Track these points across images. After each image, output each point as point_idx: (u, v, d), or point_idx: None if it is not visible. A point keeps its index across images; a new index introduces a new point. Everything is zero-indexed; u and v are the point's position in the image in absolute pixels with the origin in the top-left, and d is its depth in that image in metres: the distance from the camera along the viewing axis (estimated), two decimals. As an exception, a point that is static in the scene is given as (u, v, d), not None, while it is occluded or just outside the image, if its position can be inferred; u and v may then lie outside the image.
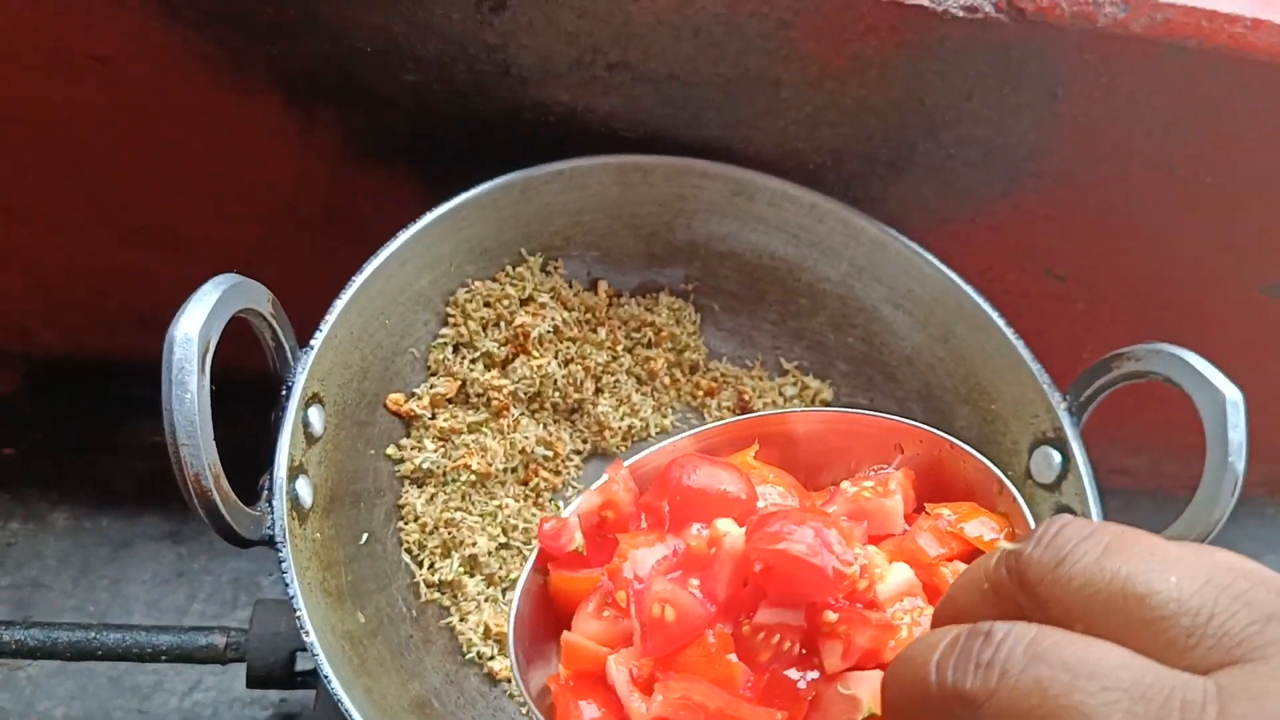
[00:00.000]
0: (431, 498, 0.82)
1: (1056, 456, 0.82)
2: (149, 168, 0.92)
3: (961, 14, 0.76)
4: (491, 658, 0.79)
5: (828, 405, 0.96)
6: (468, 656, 0.79)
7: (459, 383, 0.85)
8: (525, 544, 0.83)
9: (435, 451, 0.83)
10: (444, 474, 0.82)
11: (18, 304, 1.09)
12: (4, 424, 1.13)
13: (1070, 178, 0.93)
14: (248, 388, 0.74)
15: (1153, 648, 0.30)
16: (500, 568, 0.82)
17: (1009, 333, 0.85)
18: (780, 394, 0.95)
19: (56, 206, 0.96)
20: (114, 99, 0.85)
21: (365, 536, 0.78)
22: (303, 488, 0.70)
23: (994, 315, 0.85)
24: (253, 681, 0.89)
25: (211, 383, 0.60)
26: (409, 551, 0.81)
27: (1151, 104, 0.86)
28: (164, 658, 0.90)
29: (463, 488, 0.83)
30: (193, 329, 0.59)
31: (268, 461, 0.69)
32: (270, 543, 0.66)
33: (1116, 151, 0.91)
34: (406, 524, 0.81)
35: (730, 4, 0.76)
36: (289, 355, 0.71)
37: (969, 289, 0.86)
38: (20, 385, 1.15)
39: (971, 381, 0.88)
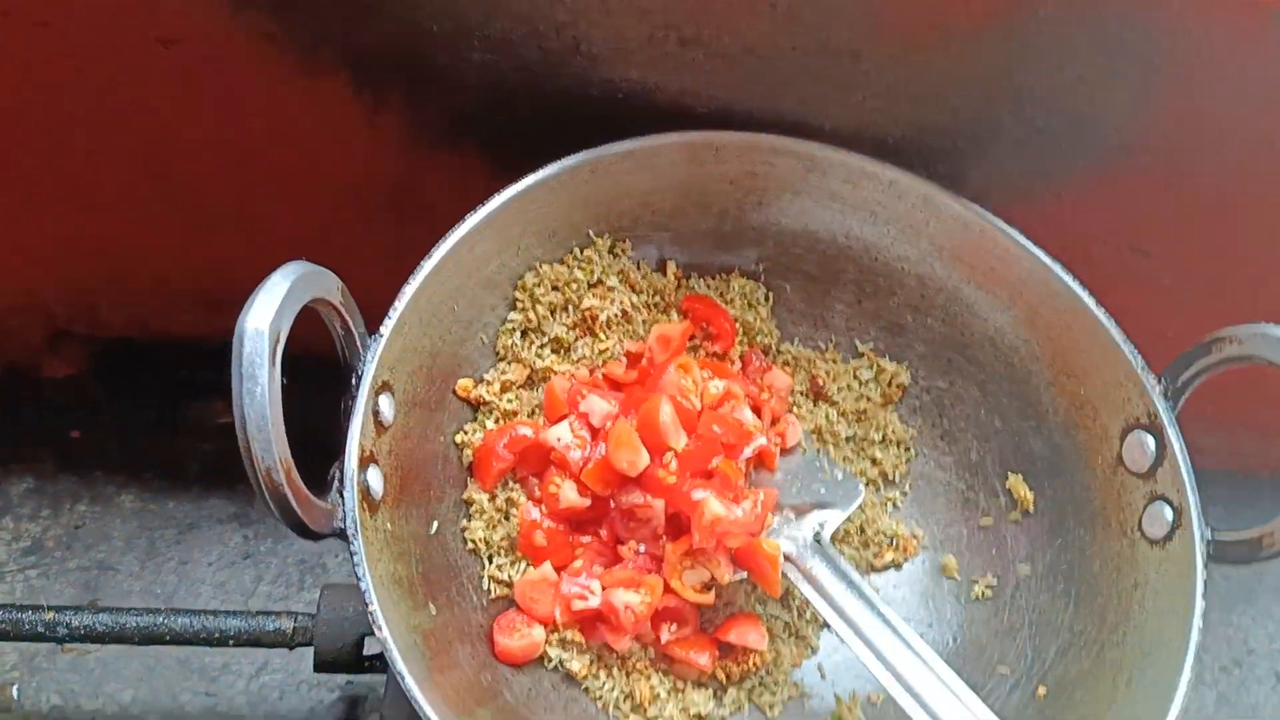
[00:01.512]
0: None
1: (1151, 442, 0.79)
2: (217, 152, 0.91)
3: (1057, -18, 0.73)
4: (568, 659, 0.78)
5: (904, 389, 0.93)
6: (538, 656, 0.78)
7: (528, 370, 0.83)
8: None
9: None
10: None
11: (84, 286, 1.09)
12: (71, 406, 1.13)
13: (1162, 152, 0.89)
14: (314, 369, 0.73)
15: None
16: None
17: (1100, 314, 0.81)
18: (855, 377, 0.92)
19: (124, 191, 0.96)
20: (181, 83, 0.84)
21: (435, 525, 0.77)
22: (374, 477, 0.69)
23: (1084, 295, 0.82)
24: (320, 666, 0.89)
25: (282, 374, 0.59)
26: (473, 550, 0.79)
27: (1252, 75, 0.82)
28: (232, 642, 0.90)
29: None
30: (263, 322, 0.57)
31: (336, 448, 0.68)
32: (342, 535, 0.65)
33: (1213, 124, 0.86)
34: (471, 520, 0.80)
35: (810, -26, 0.73)
36: (358, 343, 0.70)
37: (1058, 268, 0.83)
38: (87, 367, 1.15)
39: (1059, 364, 0.85)
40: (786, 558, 0.78)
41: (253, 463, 0.57)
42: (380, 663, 0.89)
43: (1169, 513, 0.77)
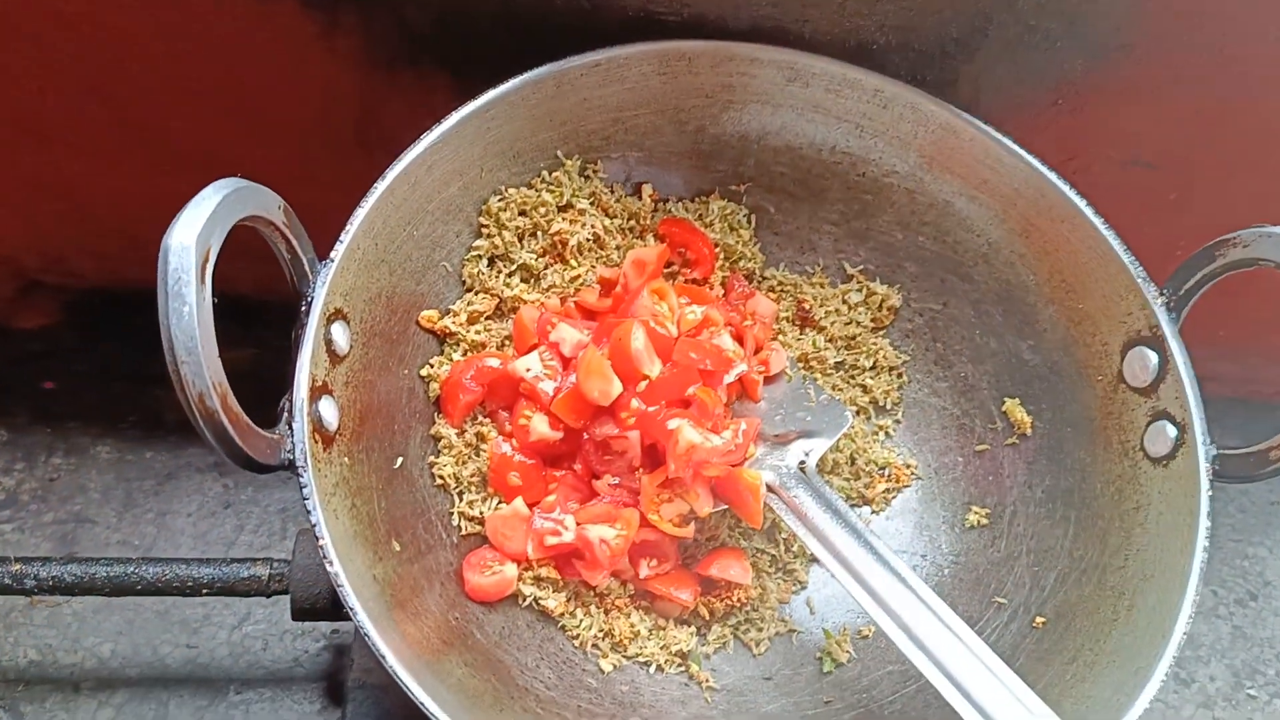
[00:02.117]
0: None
1: (1153, 357, 0.75)
2: (178, 88, 0.88)
3: None
4: (544, 597, 0.75)
5: (895, 311, 0.88)
6: (511, 594, 0.75)
7: (496, 300, 0.79)
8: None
9: None
10: None
11: (53, 232, 1.06)
12: (45, 356, 1.11)
13: (1163, 52, 0.84)
14: (274, 310, 0.69)
15: None
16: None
17: (1098, 223, 0.77)
18: (844, 301, 0.88)
19: (86, 130, 0.93)
20: (134, 15, 0.80)
21: (400, 461, 0.74)
22: (327, 409, 0.66)
23: (1081, 204, 0.78)
24: (297, 614, 0.86)
25: (221, 298, 0.55)
26: (442, 485, 0.76)
27: (1259, -38, 0.76)
28: (205, 591, 0.87)
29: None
30: (189, 237, 0.53)
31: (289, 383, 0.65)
32: (290, 467, 0.61)
33: (1216, 21, 0.82)
34: (440, 456, 0.76)
35: None
36: (307, 269, 0.66)
37: (1053, 176, 0.79)
38: (60, 317, 1.13)
39: (1056, 279, 0.81)
40: (769, 488, 0.75)
41: (183, 387, 0.54)
42: (358, 608, 0.86)
43: (1172, 430, 0.74)
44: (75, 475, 1.05)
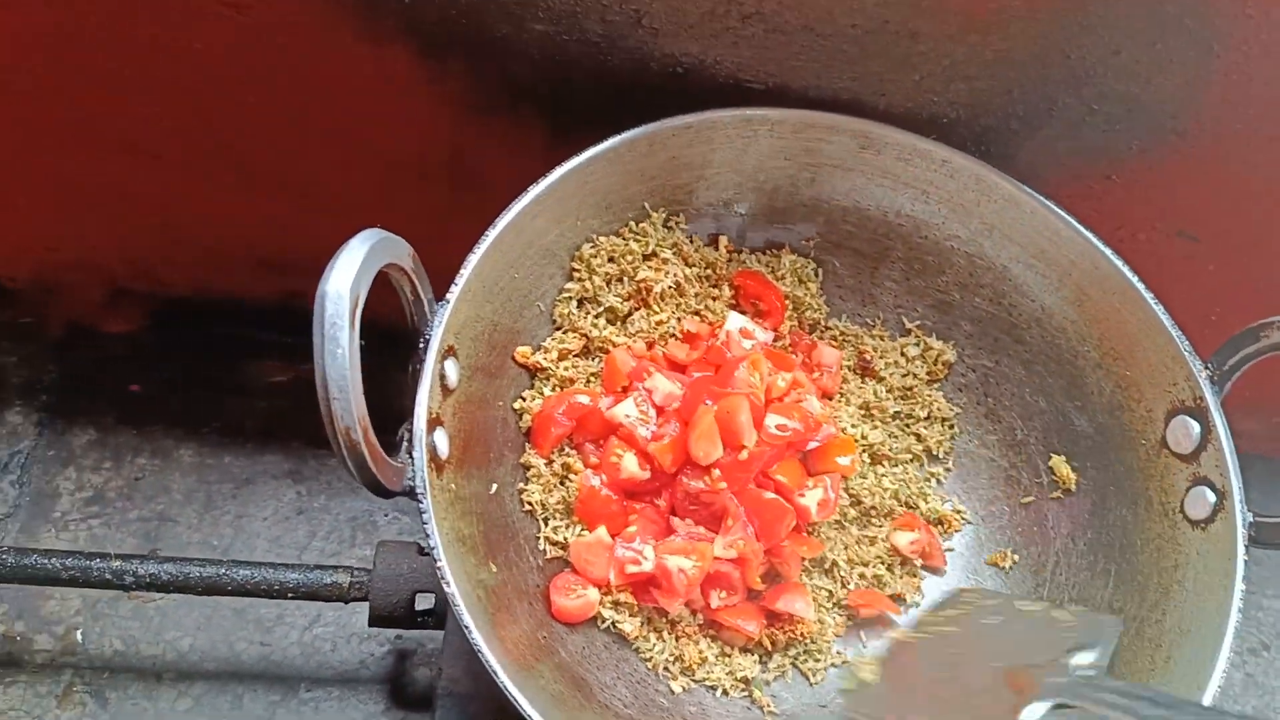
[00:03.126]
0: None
1: (1195, 426, 0.80)
2: (280, 115, 0.93)
3: (1119, -35, 0.73)
4: (621, 620, 0.80)
5: (950, 366, 0.94)
6: (592, 616, 0.81)
7: (584, 339, 0.85)
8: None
9: None
10: None
11: (145, 243, 1.12)
12: (131, 361, 1.17)
13: (1215, 136, 0.89)
14: (378, 337, 0.75)
15: None
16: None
17: (1149, 297, 0.82)
18: (903, 354, 0.94)
19: (187, 150, 0.98)
20: (248, 47, 0.85)
21: (494, 487, 0.80)
22: (440, 439, 0.71)
23: (1134, 279, 0.83)
24: (375, 620, 0.92)
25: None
26: (530, 511, 0.82)
27: (1309, 62, 0.82)
28: (290, 595, 0.93)
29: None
30: (344, 285, 0.59)
31: (405, 412, 0.70)
32: (411, 494, 0.67)
33: (1268, 110, 0.87)
34: (529, 483, 0.82)
35: (874, -46, 0.74)
36: (426, 309, 0.72)
37: (1108, 250, 0.84)
38: (147, 324, 1.18)
39: (1105, 346, 0.86)
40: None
41: (333, 422, 0.59)
42: (432, 618, 0.92)
43: (1211, 496, 0.79)
44: (159, 476, 1.11)
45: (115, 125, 0.95)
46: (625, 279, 0.86)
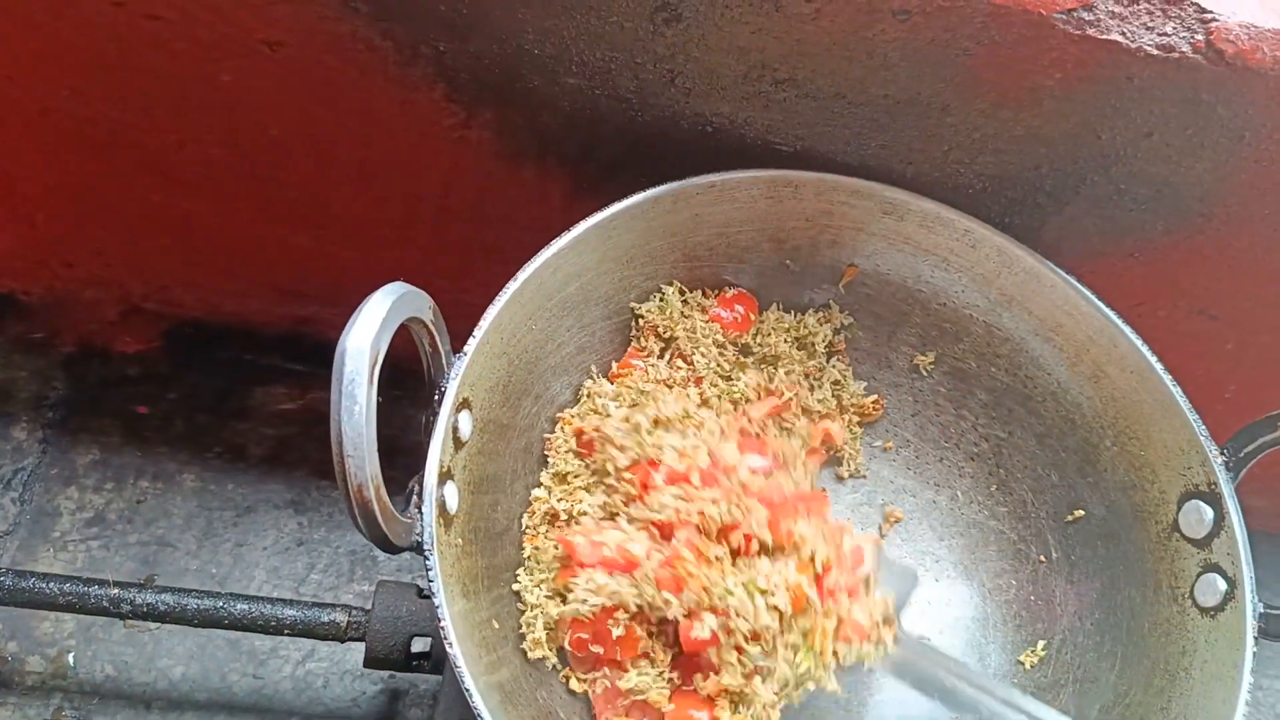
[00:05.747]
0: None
1: (1209, 512, 0.80)
2: (306, 148, 0.93)
3: (1156, 52, 0.73)
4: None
5: (963, 435, 0.94)
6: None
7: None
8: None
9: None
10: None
11: (160, 264, 1.12)
12: (140, 381, 1.16)
13: (1242, 219, 0.89)
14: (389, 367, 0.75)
15: None
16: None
17: (1167, 379, 0.82)
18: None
19: (211, 175, 0.98)
20: (281, 82, 0.85)
21: (499, 540, 0.79)
22: (449, 493, 0.71)
23: (1152, 360, 0.82)
24: (370, 662, 0.91)
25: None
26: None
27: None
28: (287, 631, 0.93)
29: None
30: (364, 341, 0.59)
31: (412, 447, 0.70)
32: (418, 549, 0.66)
33: (1293, 197, 0.87)
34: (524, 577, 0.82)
35: (910, 30, 0.74)
36: (444, 360, 0.71)
37: (1127, 329, 0.83)
38: (159, 344, 1.18)
39: (1120, 424, 0.85)
40: None
41: (345, 479, 0.59)
42: (428, 662, 0.91)
43: (1222, 584, 0.78)
44: (161, 500, 1.10)
45: (141, 147, 0.95)
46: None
